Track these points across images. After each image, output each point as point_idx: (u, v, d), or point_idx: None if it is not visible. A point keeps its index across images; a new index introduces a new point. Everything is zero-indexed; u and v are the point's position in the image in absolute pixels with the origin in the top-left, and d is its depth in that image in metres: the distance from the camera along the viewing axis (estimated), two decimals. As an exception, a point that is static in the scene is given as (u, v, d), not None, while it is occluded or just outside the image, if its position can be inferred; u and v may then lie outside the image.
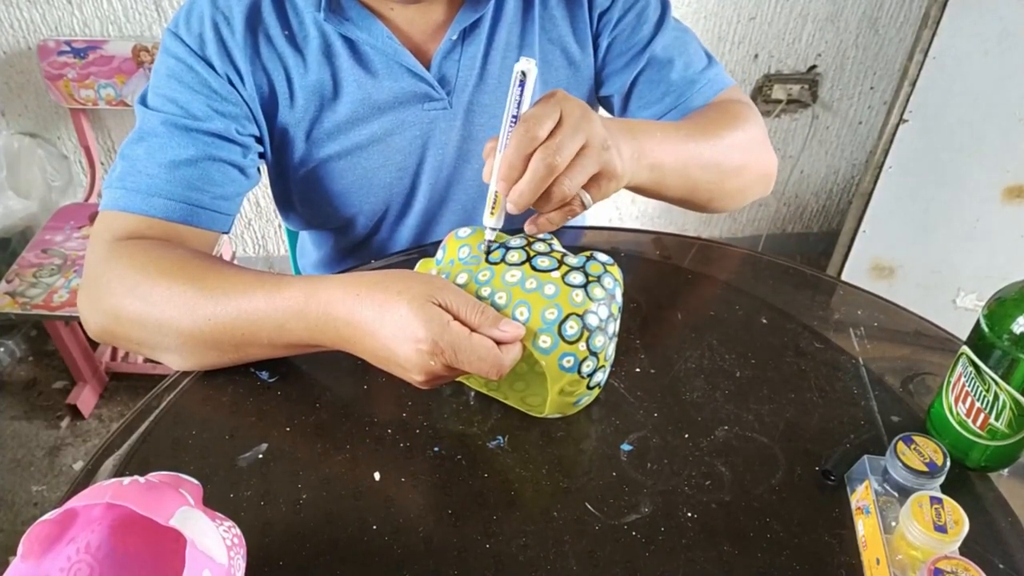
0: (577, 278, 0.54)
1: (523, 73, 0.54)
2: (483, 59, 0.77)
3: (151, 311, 0.61)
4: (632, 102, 0.83)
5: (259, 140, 0.76)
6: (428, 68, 0.76)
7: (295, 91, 0.74)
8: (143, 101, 0.72)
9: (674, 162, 0.68)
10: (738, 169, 0.76)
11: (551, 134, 0.54)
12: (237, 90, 0.72)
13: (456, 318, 0.52)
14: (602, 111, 0.89)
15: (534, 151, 0.53)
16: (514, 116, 0.54)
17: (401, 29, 0.75)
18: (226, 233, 0.74)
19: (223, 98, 0.71)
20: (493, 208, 0.56)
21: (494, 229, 0.57)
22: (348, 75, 0.74)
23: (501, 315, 0.53)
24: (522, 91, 0.54)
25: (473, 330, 0.52)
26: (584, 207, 0.59)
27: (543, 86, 0.81)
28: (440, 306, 0.52)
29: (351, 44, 0.74)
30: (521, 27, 0.78)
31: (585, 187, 0.58)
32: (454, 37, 0.75)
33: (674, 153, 0.68)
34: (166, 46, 0.72)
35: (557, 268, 0.55)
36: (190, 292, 0.60)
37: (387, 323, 0.52)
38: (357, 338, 0.55)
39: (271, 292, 0.58)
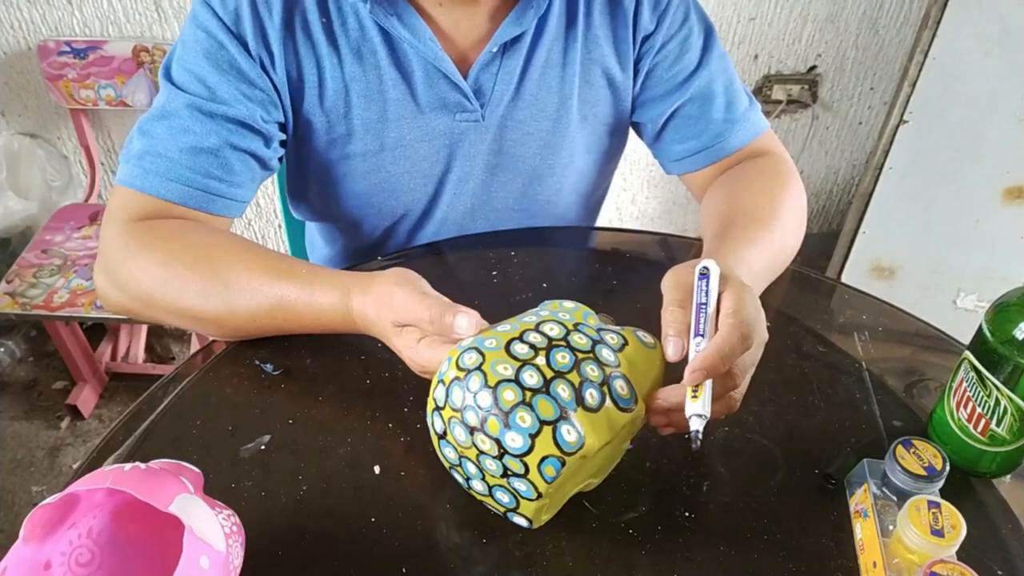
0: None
1: (705, 268, 0.55)
2: (521, 74, 0.76)
3: (186, 307, 0.65)
4: (668, 133, 0.82)
5: (283, 127, 0.75)
6: (465, 78, 0.75)
7: (325, 82, 0.73)
8: (167, 74, 0.70)
9: (764, 275, 0.69)
10: (798, 241, 0.76)
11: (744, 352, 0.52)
12: (268, 74, 0.71)
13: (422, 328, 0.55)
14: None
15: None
16: (702, 304, 0.53)
17: (445, 33, 0.73)
18: (239, 217, 0.75)
19: (251, 82, 0.70)
20: (695, 394, 0.50)
21: (701, 417, 0.50)
22: (383, 74, 0.73)
23: (454, 309, 0.52)
24: (705, 284, 0.54)
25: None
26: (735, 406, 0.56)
27: (581, 104, 0.80)
28: (405, 325, 0.57)
29: (390, 42, 0.72)
30: (563, 45, 0.77)
31: None
32: (494, 50, 0.74)
33: (762, 266, 0.68)
34: (196, 15, 0.69)
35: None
36: (223, 290, 0.63)
37: (388, 343, 0.60)
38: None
39: (306, 290, 0.62)
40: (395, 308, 0.56)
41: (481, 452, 0.48)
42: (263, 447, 0.58)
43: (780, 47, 1.83)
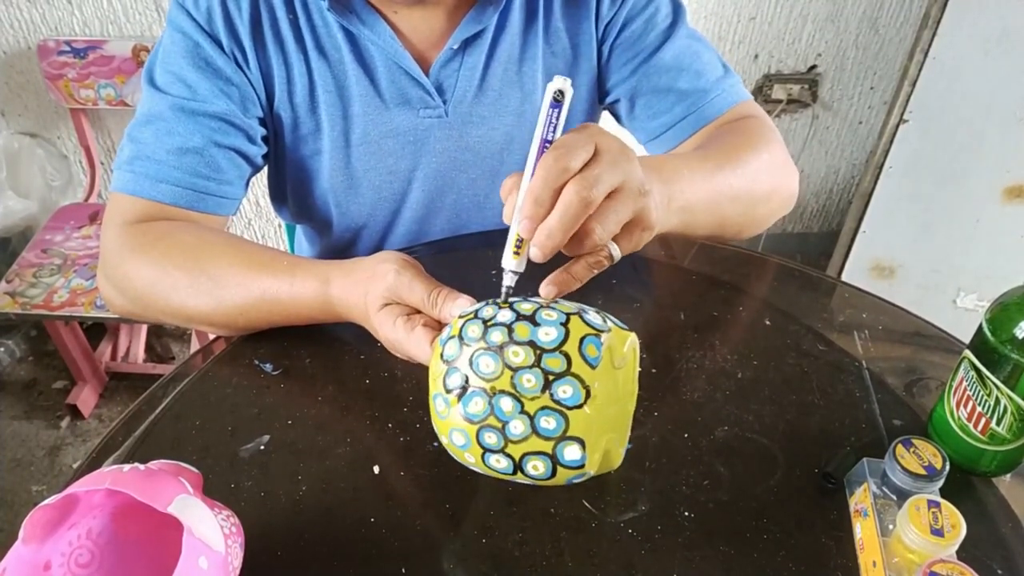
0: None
1: (560, 92, 0.46)
2: (483, 71, 0.77)
3: (177, 305, 0.66)
4: (639, 110, 0.81)
5: (264, 123, 0.76)
6: (427, 75, 0.76)
7: (293, 78, 0.74)
8: (151, 79, 0.72)
9: (705, 201, 0.65)
10: (767, 195, 0.73)
11: (585, 166, 0.47)
12: (242, 70, 0.72)
13: (419, 309, 0.54)
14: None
15: (564, 184, 0.46)
16: (547, 141, 0.47)
17: (404, 34, 0.74)
18: (233, 215, 0.76)
19: (227, 79, 0.72)
20: (518, 250, 0.48)
21: (516, 273, 0.49)
22: (347, 69, 0.74)
23: (454, 295, 0.52)
24: (558, 113, 0.47)
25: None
26: (612, 260, 0.52)
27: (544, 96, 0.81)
28: (397, 302, 0.55)
29: (352, 39, 0.74)
30: (524, 40, 0.77)
31: (614, 237, 0.51)
32: (455, 47, 0.74)
33: (704, 191, 0.64)
34: (172, 18, 0.72)
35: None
36: (211, 287, 0.64)
37: (367, 323, 0.59)
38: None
39: (287, 281, 0.63)
40: (394, 285, 0.54)
41: (516, 370, 0.44)
42: (262, 447, 0.58)
43: (780, 47, 1.83)
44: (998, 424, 0.54)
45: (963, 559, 0.47)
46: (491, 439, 0.46)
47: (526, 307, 0.47)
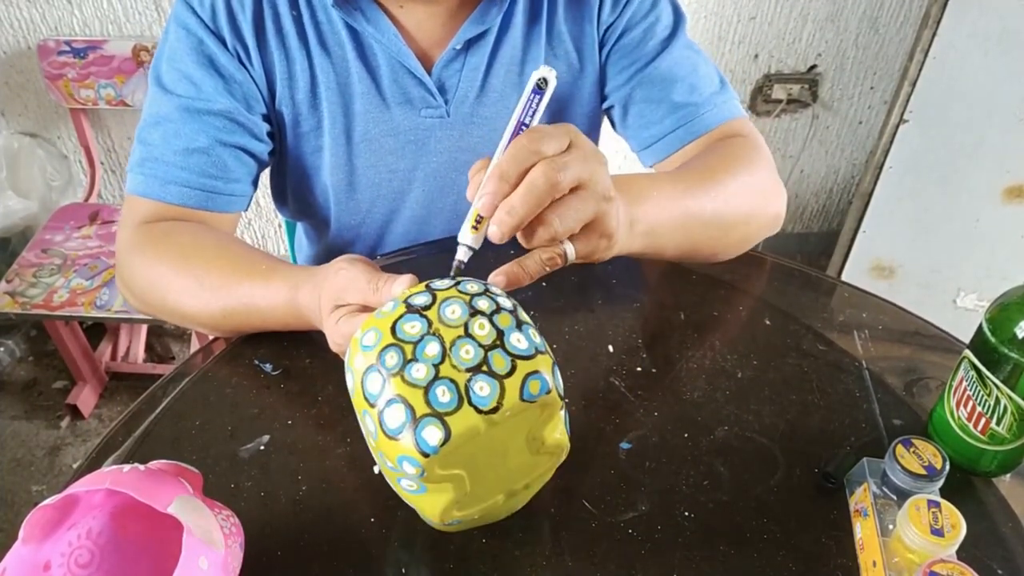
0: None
1: (543, 80, 0.47)
2: (486, 71, 0.77)
3: (172, 305, 0.67)
4: (631, 118, 0.80)
5: (268, 120, 0.77)
6: (430, 74, 0.76)
7: (295, 75, 0.74)
8: (158, 79, 0.72)
9: (672, 224, 0.64)
10: (745, 219, 0.71)
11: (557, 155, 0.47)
12: (246, 67, 0.73)
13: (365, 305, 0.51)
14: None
15: (533, 166, 0.45)
16: (523, 124, 0.47)
17: (408, 32, 0.74)
18: (245, 211, 0.77)
19: (231, 76, 0.72)
20: (477, 224, 0.47)
21: (470, 248, 0.48)
22: (349, 67, 0.74)
23: (393, 278, 0.49)
24: (539, 100, 0.47)
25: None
26: (565, 261, 0.50)
27: (548, 101, 0.80)
28: (346, 304, 0.53)
29: (356, 36, 0.74)
30: (526, 42, 0.77)
31: (570, 238, 0.50)
32: (458, 47, 0.74)
33: (672, 214, 0.63)
34: (177, 15, 0.72)
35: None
36: (197, 289, 0.65)
37: (324, 330, 0.56)
38: None
39: (262, 287, 0.63)
40: (340, 283, 0.53)
41: (467, 335, 0.42)
42: (262, 447, 0.58)
43: (780, 46, 1.83)
44: (998, 424, 0.54)
45: (963, 559, 0.47)
46: (391, 359, 0.42)
47: (511, 329, 0.44)
